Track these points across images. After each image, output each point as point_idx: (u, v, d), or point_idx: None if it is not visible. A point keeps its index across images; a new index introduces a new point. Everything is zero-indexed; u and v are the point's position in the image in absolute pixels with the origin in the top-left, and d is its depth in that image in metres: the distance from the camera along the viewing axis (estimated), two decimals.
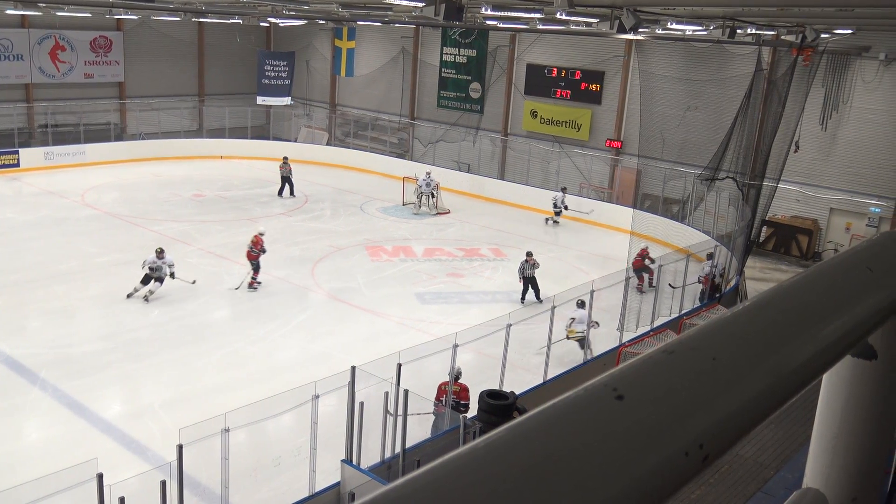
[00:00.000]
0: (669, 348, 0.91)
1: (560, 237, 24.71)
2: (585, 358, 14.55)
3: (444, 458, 0.65)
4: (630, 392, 0.80)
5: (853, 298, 1.20)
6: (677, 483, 0.79)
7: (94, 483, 7.50)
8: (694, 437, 0.81)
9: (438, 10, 14.04)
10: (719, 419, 0.85)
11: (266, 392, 11.06)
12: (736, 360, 0.93)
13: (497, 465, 0.66)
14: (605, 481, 0.71)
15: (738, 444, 0.92)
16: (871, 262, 1.30)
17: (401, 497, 0.64)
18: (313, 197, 28.26)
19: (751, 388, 0.92)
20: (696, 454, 0.81)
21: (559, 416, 0.74)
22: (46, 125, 32.29)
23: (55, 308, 16.85)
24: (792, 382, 1.00)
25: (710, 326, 0.99)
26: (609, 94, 28.73)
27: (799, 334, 1.05)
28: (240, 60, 37.17)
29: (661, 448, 0.78)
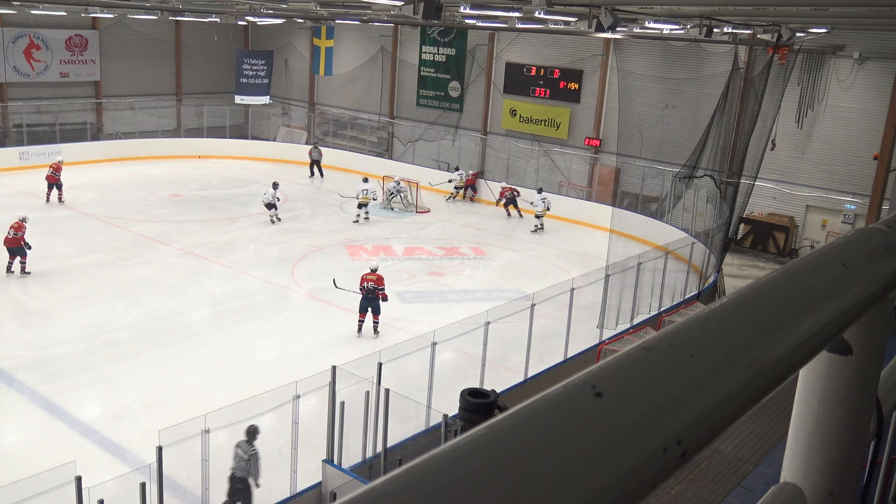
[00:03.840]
0: (648, 345, 0.92)
1: (540, 236, 24.76)
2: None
3: (425, 456, 0.65)
4: (609, 389, 0.81)
5: (828, 294, 1.22)
6: (656, 479, 0.80)
7: (72, 486, 7.44)
8: (672, 433, 0.81)
9: (417, 9, 14.03)
10: (697, 415, 0.86)
11: (246, 392, 11.01)
12: (713, 356, 0.94)
13: (477, 463, 0.66)
14: (584, 478, 0.71)
15: (716, 439, 0.93)
16: (845, 258, 1.32)
17: (382, 496, 0.64)
18: (292, 196, 28.14)
19: (728, 383, 0.93)
20: (675, 450, 0.81)
21: (538, 413, 0.75)
22: (21, 125, 31.91)
23: (31, 309, 16.67)
24: (769, 378, 1.01)
25: (688, 323, 1.00)
26: (588, 92, 28.85)
27: (775, 330, 1.06)
28: (218, 59, 36.92)
29: (640, 444, 0.78)
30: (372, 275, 16.01)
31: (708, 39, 19.00)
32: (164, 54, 36.35)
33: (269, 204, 24.07)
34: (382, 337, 15.47)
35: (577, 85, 29.02)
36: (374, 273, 16.07)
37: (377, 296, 15.82)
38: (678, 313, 16.39)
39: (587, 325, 15.79)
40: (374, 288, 15.80)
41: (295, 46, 37.54)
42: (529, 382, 13.17)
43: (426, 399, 11.50)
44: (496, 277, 20.53)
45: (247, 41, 38.93)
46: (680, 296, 18.17)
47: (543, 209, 25.27)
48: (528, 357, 13.54)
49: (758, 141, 20.32)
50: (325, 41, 34.89)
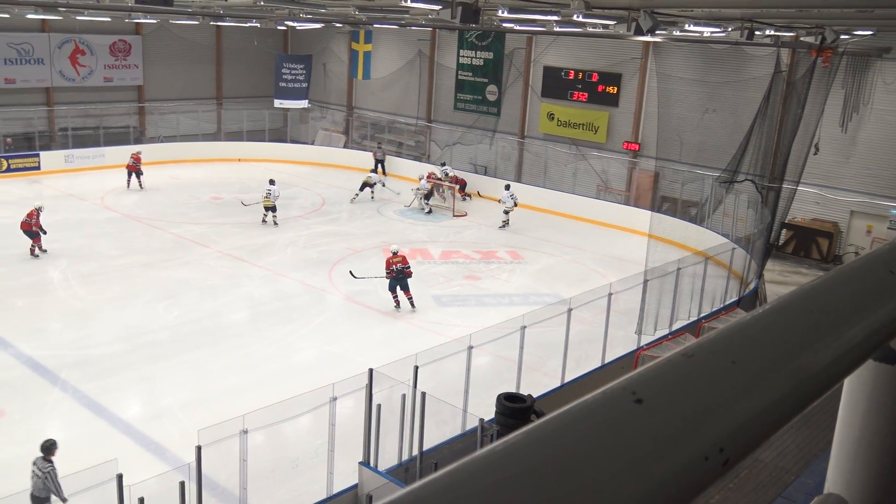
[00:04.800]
0: (689, 352, 0.91)
1: (577, 240, 24.64)
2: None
3: (463, 460, 0.65)
4: (649, 395, 0.80)
5: (875, 302, 1.19)
6: (697, 487, 0.78)
7: (114, 483, 7.56)
8: (714, 441, 0.80)
9: (455, 13, 14.06)
10: (739, 423, 0.84)
11: (283, 394, 11.10)
12: (756, 363, 0.92)
13: (515, 468, 0.66)
14: (624, 485, 0.71)
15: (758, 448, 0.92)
16: (892, 264, 1.29)
17: (420, 499, 0.64)
18: (330, 199, 28.35)
19: (771, 391, 0.92)
20: (716, 458, 0.80)
21: (578, 419, 0.74)
22: (67, 128, 32.59)
23: (75, 309, 16.99)
24: (813, 387, 0.99)
25: (729, 330, 0.98)
26: (626, 96, 28.64)
27: (820, 338, 1.04)
28: (257, 64, 37.34)
29: (681, 452, 0.77)
30: (396, 257, 17.58)
31: (749, 42, 18.76)
32: (206, 59, 36.86)
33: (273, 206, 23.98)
34: (419, 340, 15.50)
35: (615, 88, 28.83)
36: (397, 255, 17.65)
37: (406, 274, 17.39)
38: (718, 320, 16.17)
39: (625, 330, 15.65)
40: (403, 268, 17.39)
41: (333, 51, 37.83)
42: (566, 388, 13.09)
43: (462, 403, 11.49)
44: (533, 281, 20.46)
45: (286, 46, 39.32)
46: (720, 302, 17.93)
47: (512, 205, 25.15)
48: (565, 362, 13.46)
49: (800, 145, 20.00)
50: (363, 45, 35.08)
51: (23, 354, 14.42)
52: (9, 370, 13.85)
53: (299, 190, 29.81)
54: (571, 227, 26.38)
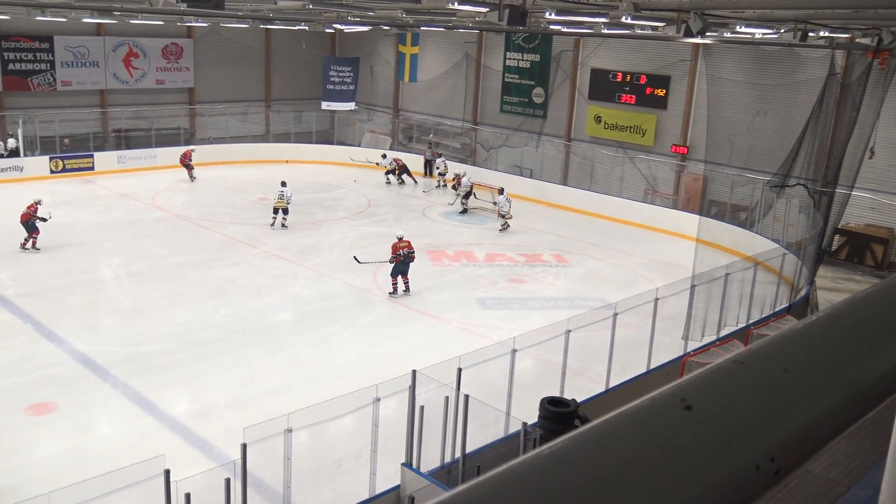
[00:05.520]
0: (739, 359, 0.89)
1: (623, 244, 24.42)
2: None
3: (509, 464, 0.65)
4: (699, 402, 0.79)
5: None
6: (747, 497, 0.77)
7: (161, 479, 7.68)
8: (765, 450, 0.79)
9: (502, 15, 14.05)
10: (792, 433, 0.82)
11: (327, 394, 11.19)
12: (809, 372, 0.90)
13: (561, 474, 0.65)
14: (672, 493, 0.69)
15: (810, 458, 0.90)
16: None
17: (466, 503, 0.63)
18: (376, 201, 28.52)
19: (825, 401, 0.89)
20: (768, 468, 0.78)
21: (626, 425, 0.73)
22: (120, 130, 33.32)
23: (126, 307, 17.34)
24: (868, 397, 0.96)
25: (781, 337, 0.96)
26: (675, 98, 28.31)
27: (875, 347, 1.02)
28: (305, 66, 37.75)
29: (731, 460, 0.76)
30: (402, 242, 18.32)
31: (803, 44, 18.40)
32: (255, 62, 37.38)
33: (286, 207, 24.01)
34: (463, 342, 15.48)
35: (664, 91, 28.52)
36: (403, 240, 18.39)
37: (411, 259, 18.24)
38: (768, 326, 15.87)
39: (671, 336, 15.45)
40: (409, 252, 18.20)
41: (380, 53, 38.06)
42: (611, 393, 12.96)
43: (505, 406, 11.45)
44: (578, 285, 20.33)
45: (334, 48, 39.68)
46: (769, 308, 17.60)
47: (508, 208, 24.99)
48: (610, 367, 13.33)
49: (855, 149, 19.53)
50: (410, 48, 35.24)
51: (75, 350, 14.77)
52: (62, 365, 14.19)
53: (345, 192, 30.07)
54: (618, 230, 26.15)
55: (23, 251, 20.65)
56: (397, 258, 18.08)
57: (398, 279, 18.19)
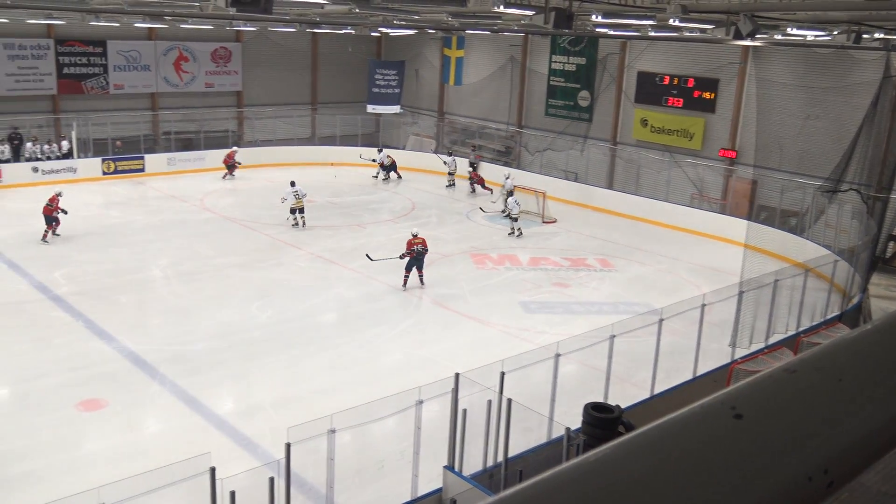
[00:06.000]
0: (791, 367, 0.87)
1: (669, 249, 24.13)
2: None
3: (556, 469, 0.64)
4: (749, 411, 0.77)
5: None
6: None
7: (207, 476, 7.79)
8: (818, 461, 0.77)
9: (548, 19, 13.98)
10: (846, 444, 0.80)
11: (371, 395, 11.25)
12: (864, 381, 0.88)
13: (608, 481, 0.64)
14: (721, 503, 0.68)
15: (865, 470, 0.87)
16: None
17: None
18: (420, 204, 28.60)
19: (880, 412, 0.87)
20: (821, 479, 0.77)
21: (674, 432, 0.72)
22: (170, 132, 33.93)
23: (174, 307, 17.65)
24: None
25: (834, 346, 0.94)
26: (723, 102, 27.89)
27: None
28: (351, 69, 38.04)
29: (783, 471, 0.74)
30: (417, 239, 19.13)
31: (856, 46, 17.99)
32: (301, 65, 37.77)
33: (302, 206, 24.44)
34: (506, 346, 15.45)
35: (712, 94, 28.12)
36: (418, 237, 19.18)
37: (424, 254, 19.04)
38: (818, 334, 15.54)
39: (718, 343, 15.23)
40: (423, 249, 19.01)
41: (426, 56, 38.18)
42: (655, 400, 12.81)
43: (548, 411, 11.39)
44: (623, 290, 20.14)
45: (379, 52, 39.91)
46: (820, 316, 17.24)
47: (518, 211, 24.72)
48: (655, 373, 13.18)
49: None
50: (455, 51, 35.30)
51: (125, 348, 15.07)
52: (112, 363, 14.49)
53: (390, 194, 30.22)
54: (664, 235, 25.86)
55: (45, 242, 21.68)
56: (411, 254, 18.87)
57: (412, 272, 19.02)
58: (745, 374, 12.62)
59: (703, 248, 24.47)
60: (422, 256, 19.04)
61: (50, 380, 13.79)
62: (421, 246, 19.06)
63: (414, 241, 19.14)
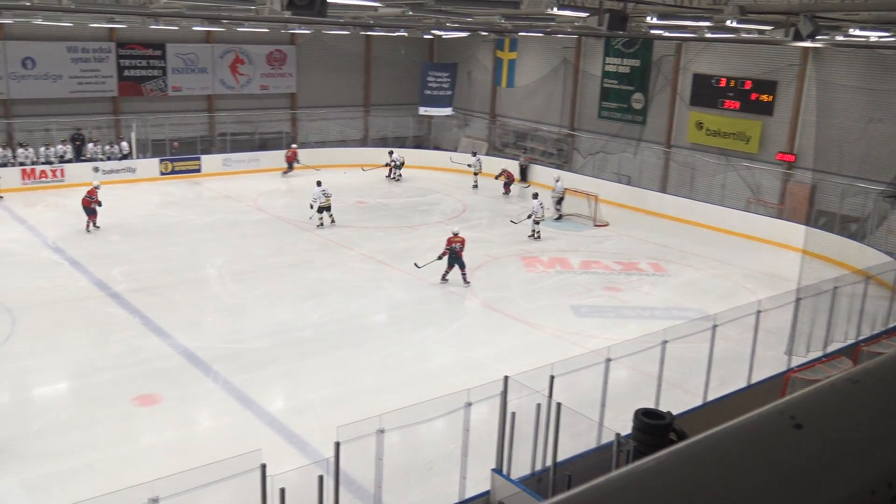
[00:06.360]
0: (854, 377, 0.84)
1: (724, 254, 23.72)
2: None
3: (608, 477, 0.63)
4: (810, 421, 0.75)
5: None
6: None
7: (257, 473, 7.89)
8: (882, 474, 0.74)
9: (602, 21, 13.87)
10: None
11: (419, 396, 11.27)
12: None
13: (663, 488, 0.63)
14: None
15: None
16: None
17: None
18: (471, 206, 28.60)
19: None
20: (884, 494, 0.74)
21: (731, 441, 0.70)
22: (225, 134, 34.52)
23: (228, 305, 17.94)
24: None
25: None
26: (782, 104, 27.32)
27: None
28: (404, 72, 38.24)
29: (844, 484, 0.72)
30: (457, 237, 19.54)
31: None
32: (355, 67, 38.09)
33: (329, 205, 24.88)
34: (556, 349, 15.36)
35: (770, 97, 27.56)
36: (458, 236, 19.60)
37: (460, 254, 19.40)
38: (879, 344, 15.11)
39: (773, 350, 14.91)
40: (461, 248, 19.41)
41: (478, 59, 38.18)
42: (708, 407, 12.60)
43: (598, 416, 11.29)
44: (676, 295, 19.86)
45: (432, 54, 40.04)
46: (881, 325, 16.77)
47: (542, 214, 24.41)
48: (708, 380, 12.96)
49: None
50: (507, 53, 35.20)
51: (180, 345, 15.37)
52: (167, 359, 14.79)
53: (441, 196, 30.29)
54: (718, 240, 25.45)
55: (88, 233, 22.99)
56: (445, 252, 19.43)
57: (452, 269, 19.52)
58: (802, 382, 12.34)
59: (758, 254, 24.01)
60: (457, 254, 19.39)
61: (107, 375, 14.13)
62: (459, 244, 19.43)
63: (453, 239, 19.53)
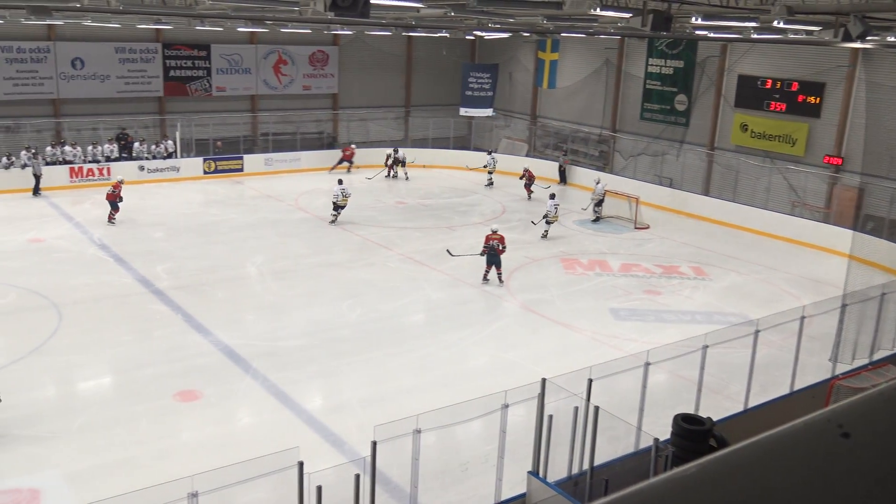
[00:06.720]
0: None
1: (768, 258, 23.34)
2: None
3: (647, 483, 0.60)
4: (858, 430, 0.72)
5: None
6: None
7: (295, 470, 7.94)
8: None
9: (646, 21, 13.73)
10: None
11: (456, 397, 11.26)
12: None
13: (707, 496, 0.60)
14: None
15: None
16: None
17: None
18: (510, 208, 28.53)
19: None
20: None
21: (776, 449, 0.67)
22: (268, 133, 34.88)
23: (268, 303, 18.11)
24: None
25: None
26: (829, 106, 26.80)
27: None
28: (445, 73, 38.29)
29: (893, 497, 0.69)
30: (496, 235, 19.56)
31: None
32: (396, 68, 38.24)
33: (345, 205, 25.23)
34: (594, 352, 15.25)
35: (817, 98, 27.06)
36: (496, 233, 19.62)
37: (498, 252, 19.32)
38: None
39: (818, 357, 14.64)
40: (499, 245, 19.38)
41: (520, 60, 38.08)
42: (749, 414, 12.40)
43: (636, 420, 11.18)
44: (717, 300, 19.59)
45: (473, 55, 40.02)
46: None
47: (555, 214, 24.19)
48: (750, 386, 12.75)
49: None
50: (549, 54, 35.05)
51: (220, 342, 15.55)
52: (208, 356, 14.97)
53: (480, 197, 30.26)
54: (762, 244, 25.06)
55: (111, 224, 23.88)
56: (485, 250, 19.44)
57: (491, 269, 19.50)
58: (847, 391, 12.08)
59: (803, 258, 23.59)
60: (495, 252, 19.34)
61: (149, 370, 14.35)
62: (497, 242, 19.41)
63: (492, 236, 19.58)
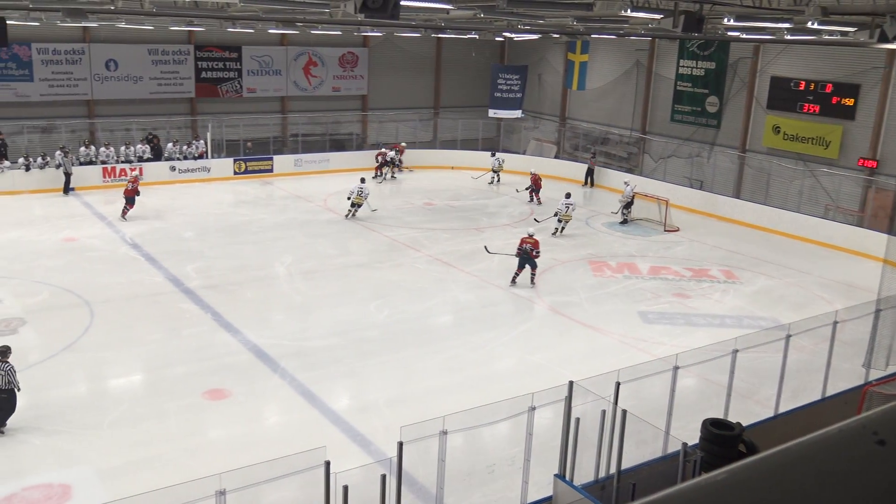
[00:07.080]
0: None
1: (800, 262, 23.04)
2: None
3: (677, 489, 0.59)
4: (894, 438, 0.70)
5: None
6: None
7: (321, 469, 7.97)
8: None
9: (677, 22, 13.62)
10: None
11: (483, 399, 11.24)
12: None
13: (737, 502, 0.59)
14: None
15: None
16: None
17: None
18: (538, 210, 28.44)
19: None
20: None
21: (809, 456, 0.65)
22: (297, 135, 35.12)
23: (296, 303, 18.21)
24: None
25: None
26: (864, 108, 26.41)
27: None
28: (474, 74, 38.30)
29: None
30: (530, 238, 19.68)
31: None
32: (425, 70, 38.32)
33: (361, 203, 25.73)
34: (622, 356, 15.15)
35: (852, 100, 26.67)
36: (531, 237, 19.73)
37: (531, 256, 19.44)
38: None
39: (850, 363, 14.41)
40: (531, 249, 19.46)
41: (549, 61, 37.97)
42: (780, 419, 12.24)
43: (664, 424, 11.08)
44: (748, 304, 19.37)
45: (502, 56, 39.99)
46: None
47: (567, 212, 24.21)
48: (780, 391, 12.59)
49: None
50: (579, 56, 34.93)
51: (249, 342, 15.66)
52: (237, 355, 15.09)
53: (508, 199, 30.20)
54: (794, 247, 24.75)
55: (124, 220, 24.37)
56: (519, 252, 19.58)
57: (521, 271, 19.59)
58: (881, 397, 11.88)
59: (836, 262, 23.26)
60: (527, 255, 19.44)
61: (179, 369, 14.50)
62: (530, 245, 19.50)
63: (526, 240, 19.67)
